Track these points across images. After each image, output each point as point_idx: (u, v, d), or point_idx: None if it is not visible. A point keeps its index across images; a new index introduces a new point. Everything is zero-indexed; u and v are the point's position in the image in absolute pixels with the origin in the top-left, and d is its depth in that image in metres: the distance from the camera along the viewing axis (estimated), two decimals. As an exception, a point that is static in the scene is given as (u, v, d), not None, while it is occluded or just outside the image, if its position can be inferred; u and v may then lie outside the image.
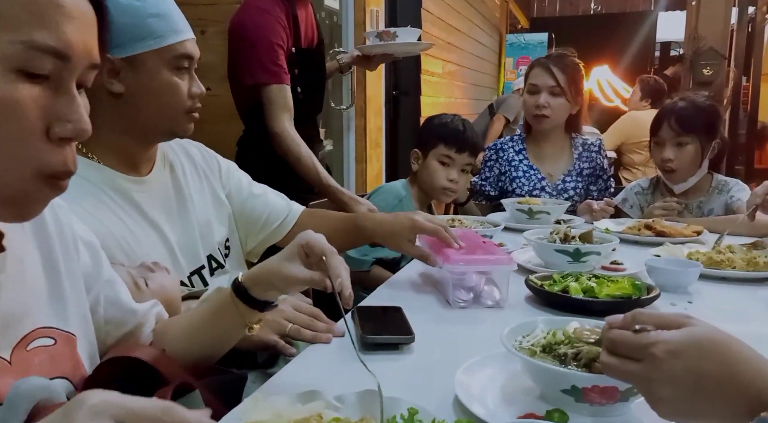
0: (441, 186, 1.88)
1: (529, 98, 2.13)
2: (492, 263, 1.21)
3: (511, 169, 2.18)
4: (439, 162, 1.88)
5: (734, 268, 1.38)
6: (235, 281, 0.82)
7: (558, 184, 2.15)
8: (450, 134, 1.87)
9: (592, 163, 2.18)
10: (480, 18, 6.41)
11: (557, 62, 2.11)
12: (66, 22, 0.56)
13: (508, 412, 0.76)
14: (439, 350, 1.00)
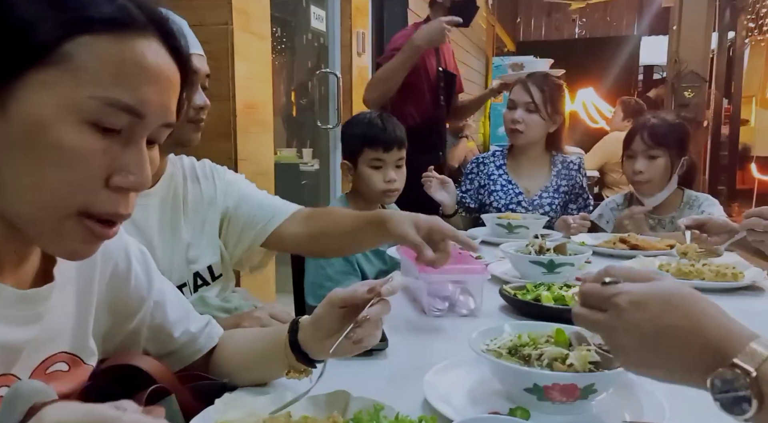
0: (381, 190, 1.77)
1: (507, 113, 2.19)
2: (466, 273, 1.24)
3: (490, 182, 2.22)
4: (371, 167, 1.76)
5: (703, 279, 1.42)
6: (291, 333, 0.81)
7: (534, 199, 2.19)
8: (372, 136, 1.74)
9: (571, 181, 2.23)
10: (467, 42, 6.53)
11: (536, 81, 2.17)
12: (147, 83, 0.57)
13: (474, 411, 0.78)
14: (412, 356, 1.02)
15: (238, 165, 2.18)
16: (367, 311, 0.75)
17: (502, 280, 1.45)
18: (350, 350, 0.78)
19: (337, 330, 0.77)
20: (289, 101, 4.65)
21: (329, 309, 0.77)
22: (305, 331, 0.80)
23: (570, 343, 0.85)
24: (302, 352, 0.79)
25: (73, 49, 0.55)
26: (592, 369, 0.78)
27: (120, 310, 0.80)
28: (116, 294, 0.78)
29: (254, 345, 0.86)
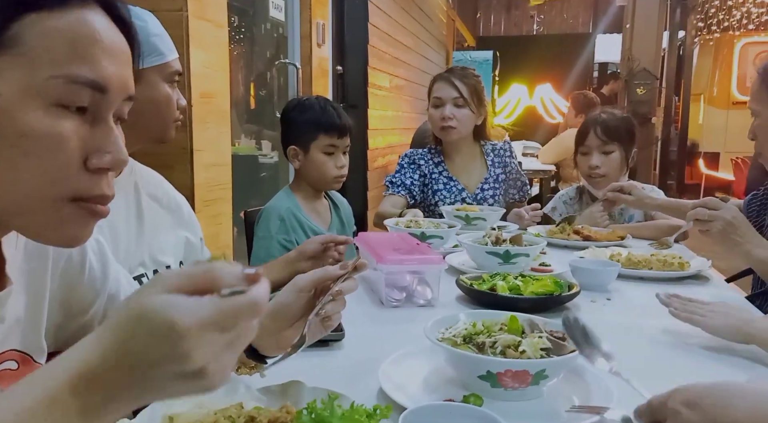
0: (333, 176, 1.75)
1: (434, 112, 2.19)
2: (424, 263, 1.25)
3: (432, 181, 2.24)
4: (324, 153, 1.74)
5: (651, 268, 1.47)
6: None
7: (477, 193, 2.22)
8: (328, 122, 1.74)
9: (507, 167, 2.29)
10: (427, 35, 6.55)
11: (458, 75, 2.19)
12: (104, 56, 0.56)
13: (428, 398, 0.79)
14: (369, 346, 1.03)
15: (193, 156, 2.13)
16: (339, 285, 0.75)
17: (459, 270, 1.47)
18: (314, 334, 0.77)
19: (302, 316, 0.76)
20: (248, 92, 4.57)
21: (297, 295, 0.76)
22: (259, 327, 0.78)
23: (523, 330, 0.87)
24: (252, 348, 0.77)
25: (20, 31, 0.53)
26: (543, 355, 0.80)
27: (73, 304, 0.77)
28: (69, 287, 0.76)
29: None
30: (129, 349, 0.43)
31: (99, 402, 0.43)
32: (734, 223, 1.32)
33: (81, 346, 0.45)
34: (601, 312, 1.25)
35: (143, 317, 0.43)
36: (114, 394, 0.44)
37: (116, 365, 0.43)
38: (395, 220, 1.86)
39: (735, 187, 6.70)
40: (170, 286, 0.44)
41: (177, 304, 0.43)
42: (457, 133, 2.19)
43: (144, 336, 0.42)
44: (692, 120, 8.21)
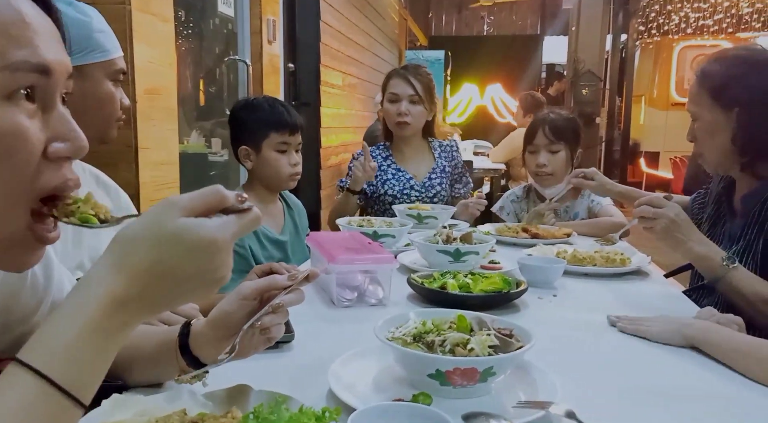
0: (287, 174, 1.75)
1: (390, 106, 2.27)
2: (376, 262, 1.25)
3: (381, 173, 2.30)
4: (277, 151, 1.74)
5: (595, 264, 1.52)
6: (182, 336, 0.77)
7: (425, 181, 2.30)
8: (279, 120, 1.73)
9: (453, 161, 2.38)
10: (380, 33, 6.56)
11: (414, 73, 2.28)
12: (37, 38, 0.54)
13: (378, 398, 0.79)
14: (320, 347, 1.02)
15: (139, 154, 2.06)
16: (281, 298, 0.72)
17: (410, 269, 1.47)
18: (255, 346, 0.75)
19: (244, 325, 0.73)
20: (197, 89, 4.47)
21: (241, 303, 0.73)
22: (200, 334, 0.75)
23: (471, 328, 0.88)
24: (193, 357, 0.75)
25: None
26: (491, 352, 0.81)
27: (14, 312, 0.73)
28: (10, 295, 0.72)
29: (144, 344, 0.80)
30: (162, 267, 0.51)
31: (132, 318, 0.52)
32: (677, 221, 1.37)
33: (97, 279, 0.51)
34: (547, 308, 1.28)
35: (180, 237, 0.51)
36: (143, 309, 0.52)
37: (146, 285, 0.51)
38: (348, 219, 1.85)
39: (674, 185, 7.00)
40: (188, 209, 0.52)
41: (210, 224, 0.52)
42: (411, 129, 2.29)
43: (182, 253, 0.51)
44: (634, 120, 8.54)
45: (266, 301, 0.74)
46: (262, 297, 0.74)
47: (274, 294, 0.73)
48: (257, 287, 0.74)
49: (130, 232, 0.52)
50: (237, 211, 0.54)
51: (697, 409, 0.83)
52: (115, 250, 0.52)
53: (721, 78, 1.42)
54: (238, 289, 0.75)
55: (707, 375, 0.95)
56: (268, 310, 0.72)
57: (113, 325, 0.50)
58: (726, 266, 1.31)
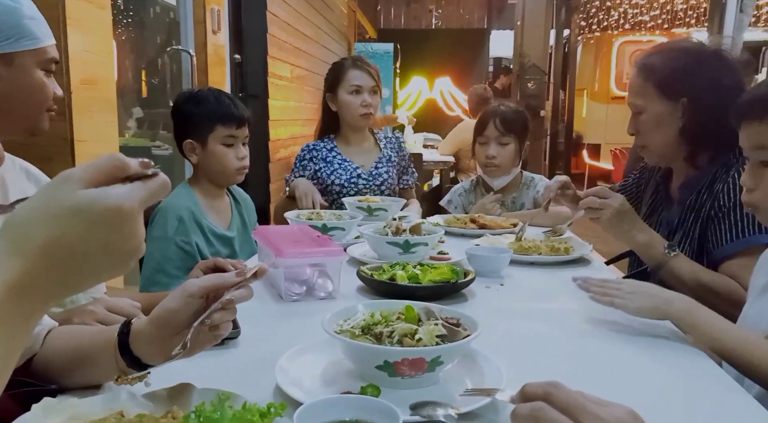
0: (234, 168, 1.70)
1: (353, 98, 2.27)
2: (325, 255, 1.24)
3: (327, 165, 2.31)
4: (224, 145, 1.69)
5: (540, 253, 1.56)
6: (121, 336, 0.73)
7: (372, 170, 2.32)
8: (225, 113, 1.68)
9: (401, 152, 2.43)
10: (328, 25, 6.50)
11: (367, 64, 2.32)
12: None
13: (326, 392, 0.78)
14: (267, 343, 1.00)
15: (75, 147, 1.97)
16: (232, 294, 0.71)
17: (360, 261, 1.47)
18: (202, 343, 0.73)
19: (190, 323, 0.71)
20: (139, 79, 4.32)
21: (187, 301, 0.71)
22: (141, 334, 0.73)
23: (419, 318, 0.88)
24: (134, 357, 0.72)
25: None
26: (439, 342, 0.81)
27: None
28: None
29: (81, 345, 0.77)
30: (63, 246, 0.46)
31: (35, 306, 0.48)
32: (622, 211, 1.42)
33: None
34: (495, 297, 1.30)
35: (80, 210, 0.47)
36: (49, 294, 0.48)
37: (48, 267, 0.47)
38: (296, 213, 1.83)
39: (614, 175, 7.27)
40: (86, 181, 0.48)
41: (113, 193, 0.48)
42: (372, 119, 2.33)
43: (84, 227, 0.47)
44: (577, 114, 8.80)
45: (213, 299, 0.72)
46: (208, 295, 0.72)
47: (221, 292, 0.71)
48: (204, 285, 0.72)
49: (22, 213, 0.48)
50: (142, 178, 0.50)
51: (639, 391, 0.86)
52: (7, 235, 0.47)
53: (667, 70, 1.45)
54: (183, 286, 0.72)
55: (655, 356, 0.99)
56: (218, 306, 0.70)
57: (13, 316, 0.46)
58: (668, 254, 1.37)
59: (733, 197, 1.36)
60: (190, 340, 0.68)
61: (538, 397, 0.53)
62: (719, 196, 1.39)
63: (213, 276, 0.74)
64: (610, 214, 1.42)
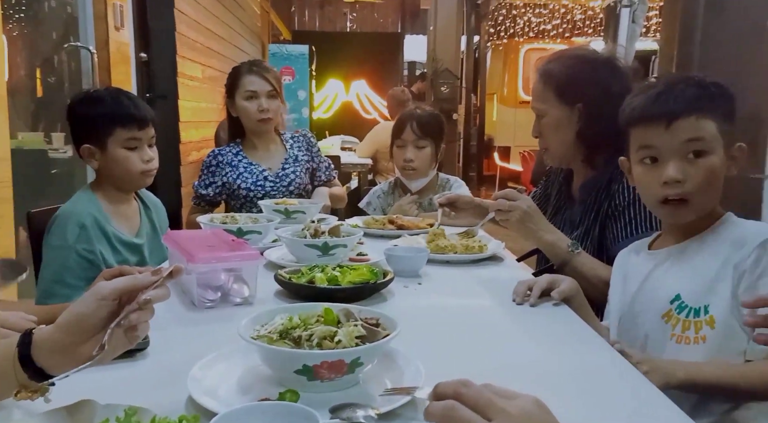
0: (139, 171, 1.61)
1: (249, 104, 2.23)
2: (239, 260, 1.20)
3: (233, 169, 2.27)
4: (126, 148, 1.59)
5: (456, 252, 1.60)
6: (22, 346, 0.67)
7: (279, 172, 2.30)
8: (124, 114, 1.57)
9: (311, 148, 2.40)
10: (241, 26, 6.35)
11: (264, 68, 2.28)
12: None
13: (242, 400, 0.75)
14: (179, 352, 0.96)
15: (-43, 150, 1.80)
16: (148, 294, 0.68)
17: (277, 265, 1.44)
18: (116, 348, 0.69)
19: (102, 328, 0.68)
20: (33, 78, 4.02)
21: (99, 304, 0.68)
22: (46, 343, 0.68)
23: (339, 320, 0.88)
24: (36, 368, 0.67)
25: None
26: (358, 343, 0.81)
27: None
28: None
29: None
30: None
31: None
32: (529, 212, 1.48)
33: None
34: (413, 296, 1.31)
35: None
36: None
37: None
38: (210, 217, 1.77)
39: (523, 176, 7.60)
40: None
41: None
42: (272, 123, 2.29)
43: None
44: (488, 117, 9.14)
45: (126, 302, 0.69)
46: (121, 298, 0.69)
47: (135, 293, 0.69)
48: (117, 287, 0.68)
49: None
50: None
51: (560, 383, 0.89)
52: None
53: (564, 76, 1.55)
54: (94, 289, 0.69)
55: (560, 348, 1.03)
56: (134, 306, 0.68)
57: None
58: (571, 252, 1.45)
59: (627, 197, 1.46)
60: (107, 341, 0.65)
61: (449, 395, 0.54)
62: (615, 195, 1.48)
63: (126, 277, 0.71)
64: (518, 215, 1.48)
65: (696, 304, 1.07)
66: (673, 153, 1.09)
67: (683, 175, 1.08)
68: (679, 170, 1.08)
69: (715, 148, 1.08)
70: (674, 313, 1.09)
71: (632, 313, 1.17)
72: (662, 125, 1.09)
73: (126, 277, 0.70)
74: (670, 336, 1.09)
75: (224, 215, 1.80)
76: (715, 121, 1.08)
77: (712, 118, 1.08)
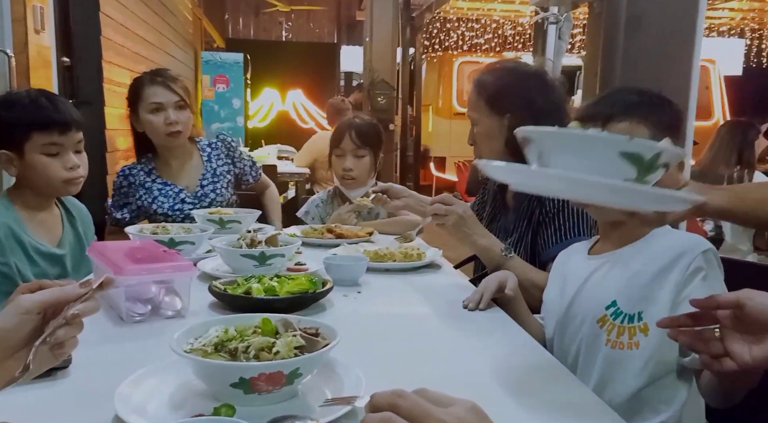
0: (61, 179, 1.51)
1: (154, 117, 2.07)
2: (171, 271, 1.15)
3: (146, 192, 2.11)
4: (45, 155, 1.48)
5: (395, 260, 1.60)
6: None
7: (197, 191, 2.15)
8: (42, 118, 1.47)
9: (231, 155, 2.25)
10: (171, 32, 6.17)
11: (171, 79, 2.12)
12: None
13: (174, 417, 0.72)
14: (105, 370, 0.90)
15: None
16: (77, 308, 0.65)
17: (212, 276, 1.39)
18: (40, 365, 0.65)
19: (27, 344, 0.63)
20: (-59, 82, 3.74)
21: (22, 319, 0.63)
22: None
23: (277, 331, 0.85)
24: None
25: None
26: (297, 353, 0.79)
27: None
28: None
29: None
30: None
31: None
32: (465, 217, 1.51)
33: None
34: (353, 304, 1.30)
35: None
36: None
37: None
38: (139, 227, 1.69)
39: (458, 186, 7.75)
40: None
41: None
42: (183, 137, 2.12)
43: None
44: (424, 128, 9.28)
45: (52, 316, 0.65)
46: (46, 311, 0.65)
47: (62, 306, 0.65)
48: (42, 299, 0.65)
49: None
50: None
51: (496, 386, 0.90)
52: None
53: (494, 87, 1.60)
54: (16, 302, 0.64)
55: (495, 351, 1.05)
56: (61, 321, 0.64)
57: None
58: (505, 256, 1.48)
59: (557, 204, 1.51)
60: (32, 361, 0.61)
61: (385, 407, 0.53)
62: (546, 202, 1.54)
63: (52, 289, 0.67)
64: (454, 219, 1.50)
65: (631, 311, 1.08)
66: None
67: None
68: None
69: None
70: (609, 318, 1.11)
71: (569, 316, 1.20)
72: (598, 127, 1.10)
73: (51, 289, 0.66)
74: (605, 341, 1.10)
75: (155, 225, 1.73)
76: (649, 128, 1.10)
77: (646, 126, 1.10)
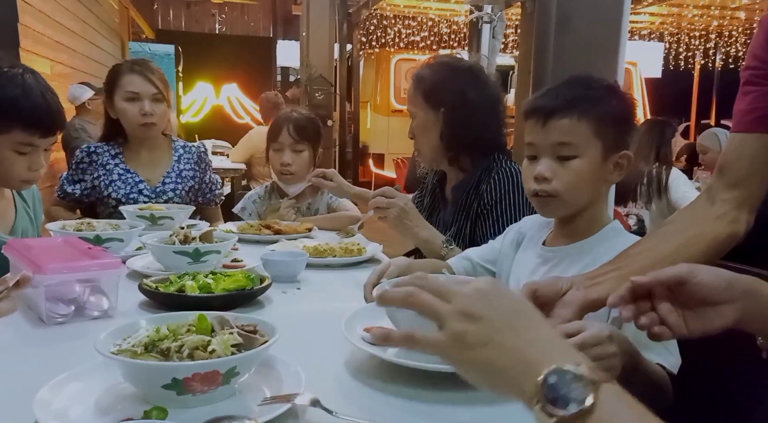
0: (20, 179, 1.45)
1: (130, 106, 2.01)
2: (97, 269, 1.09)
3: (106, 173, 2.05)
4: (15, 152, 1.40)
5: (335, 255, 1.58)
6: None
7: (157, 186, 2.08)
8: (33, 115, 1.36)
9: (199, 165, 2.17)
10: (96, 20, 5.87)
11: (149, 69, 2.06)
12: None
13: (101, 422, 0.67)
14: (23, 375, 0.84)
15: None
16: None
17: (142, 274, 1.33)
18: None
19: None
20: None
21: None
22: None
23: (213, 328, 0.82)
24: None
25: None
26: (234, 352, 0.76)
27: None
28: None
29: None
30: None
31: None
32: (406, 209, 1.52)
33: None
34: (292, 301, 1.27)
35: None
36: None
37: None
38: (61, 223, 1.59)
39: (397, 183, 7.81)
40: None
41: None
42: (156, 129, 2.07)
43: None
44: (362, 125, 9.28)
45: None
46: None
47: None
48: None
49: None
50: None
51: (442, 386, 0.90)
52: None
53: (430, 82, 1.62)
54: None
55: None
56: None
57: None
58: (445, 248, 1.50)
59: (495, 196, 1.55)
60: None
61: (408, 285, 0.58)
62: (483, 195, 1.57)
63: None
64: (396, 212, 1.51)
65: None
66: (545, 150, 1.11)
67: (551, 174, 1.10)
68: (548, 168, 1.10)
69: (587, 151, 1.09)
70: None
71: None
72: (540, 123, 1.11)
73: None
74: None
75: (79, 222, 1.63)
76: (591, 124, 1.08)
77: (588, 121, 1.08)
